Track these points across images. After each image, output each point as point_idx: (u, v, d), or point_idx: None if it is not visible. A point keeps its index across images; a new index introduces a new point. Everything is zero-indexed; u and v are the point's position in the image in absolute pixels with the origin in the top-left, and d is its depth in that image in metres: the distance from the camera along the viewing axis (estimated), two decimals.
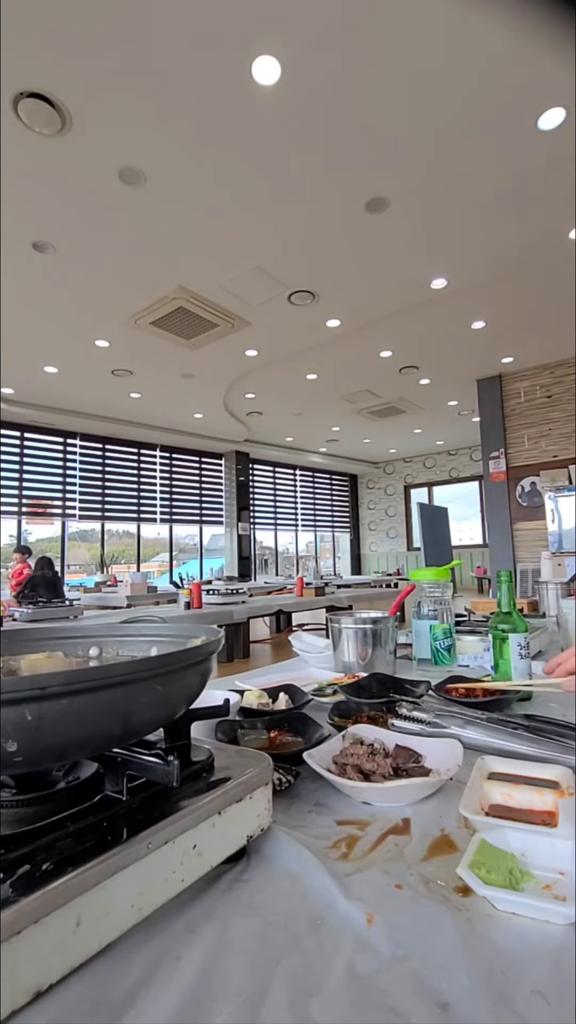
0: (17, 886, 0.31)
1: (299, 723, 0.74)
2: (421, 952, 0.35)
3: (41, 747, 0.36)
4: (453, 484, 12.63)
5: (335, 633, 1.15)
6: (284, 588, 7.76)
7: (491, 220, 3.90)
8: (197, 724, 0.61)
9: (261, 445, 10.92)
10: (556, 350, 6.48)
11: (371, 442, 11.37)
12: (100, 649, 0.61)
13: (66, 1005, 0.31)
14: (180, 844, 0.40)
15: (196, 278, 4.50)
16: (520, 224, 3.95)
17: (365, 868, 0.45)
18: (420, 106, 2.85)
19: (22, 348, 5.80)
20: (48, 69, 2.52)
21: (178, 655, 0.43)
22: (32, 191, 3.35)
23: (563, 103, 2.86)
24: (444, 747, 0.63)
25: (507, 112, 2.91)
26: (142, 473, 10.10)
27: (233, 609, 4.96)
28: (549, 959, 0.34)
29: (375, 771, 0.59)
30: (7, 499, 8.31)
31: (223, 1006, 0.31)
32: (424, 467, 13.06)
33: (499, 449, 7.20)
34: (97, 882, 0.34)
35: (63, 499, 9.04)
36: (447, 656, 1.15)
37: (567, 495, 6.03)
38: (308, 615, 7.21)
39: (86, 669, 0.43)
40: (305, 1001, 0.32)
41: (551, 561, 2.35)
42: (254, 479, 11.87)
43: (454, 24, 2.41)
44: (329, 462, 12.74)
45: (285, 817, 0.55)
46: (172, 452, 10.53)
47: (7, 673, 0.51)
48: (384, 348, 6.32)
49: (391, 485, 13.71)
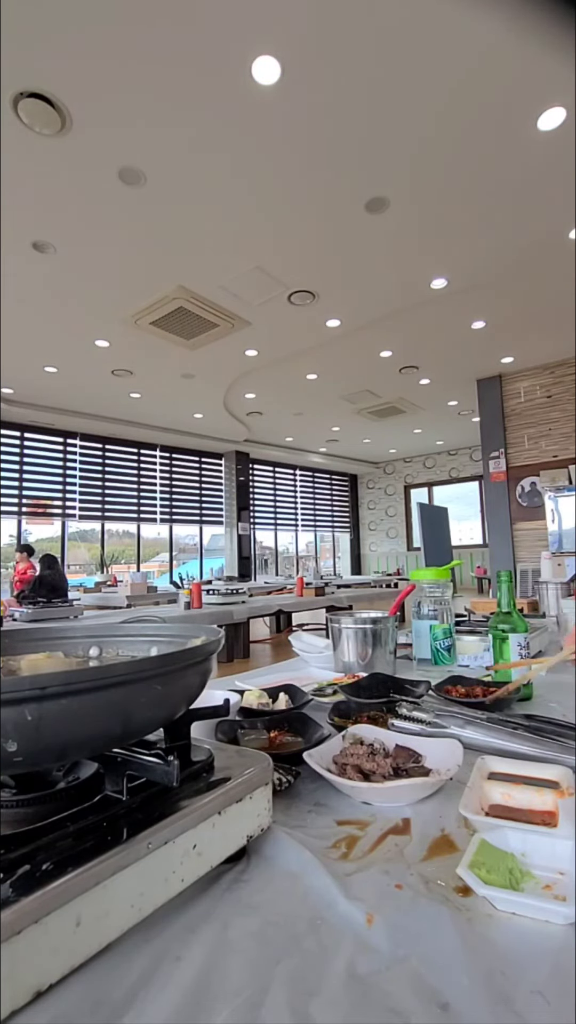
0: (17, 886, 0.31)
1: (299, 723, 0.74)
2: (421, 952, 0.35)
3: (41, 747, 0.36)
4: (453, 484, 12.62)
5: (335, 633, 1.15)
6: (284, 588, 7.76)
7: (491, 220, 3.90)
8: (197, 724, 0.61)
9: (261, 445, 10.92)
10: (556, 350, 6.48)
11: (371, 442, 11.37)
12: (100, 649, 0.61)
13: (66, 1005, 0.31)
14: (180, 844, 0.40)
15: (196, 278, 4.50)
16: (520, 224, 3.95)
17: (365, 868, 0.45)
18: (420, 106, 2.85)
19: (22, 348, 5.80)
20: (48, 69, 2.52)
21: (178, 655, 0.43)
22: (32, 191, 3.35)
23: (563, 103, 2.86)
24: (444, 747, 0.63)
25: (507, 112, 2.91)
26: (142, 473, 10.10)
27: (233, 609, 4.96)
28: (549, 959, 0.34)
29: (375, 771, 0.59)
30: (7, 499, 8.31)
31: (223, 1006, 0.31)
32: (424, 467, 13.05)
33: (499, 449, 7.20)
34: (97, 882, 0.34)
35: (63, 499, 9.04)
36: (447, 656, 1.15)
37: (567, 495, 6.03)
38: (308, 615, 7.21)
39: (86, 669, 0.43)
40: (305, 1001, 0.32)
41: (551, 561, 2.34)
42: (254, 479, 11.87)
43: (454, 24, 2.41)
44: (329, 462, 12.74)
45: (285, 817, 0.55)
46: (172, 452, 10.53)
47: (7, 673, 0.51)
48: (384, 348, 6.32)
49: (391, 485, 13.71)
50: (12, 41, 2.37)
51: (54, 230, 3.77)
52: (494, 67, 2.63)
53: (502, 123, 2.99)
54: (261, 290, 4.73)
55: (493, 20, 2.40)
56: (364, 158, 3.22)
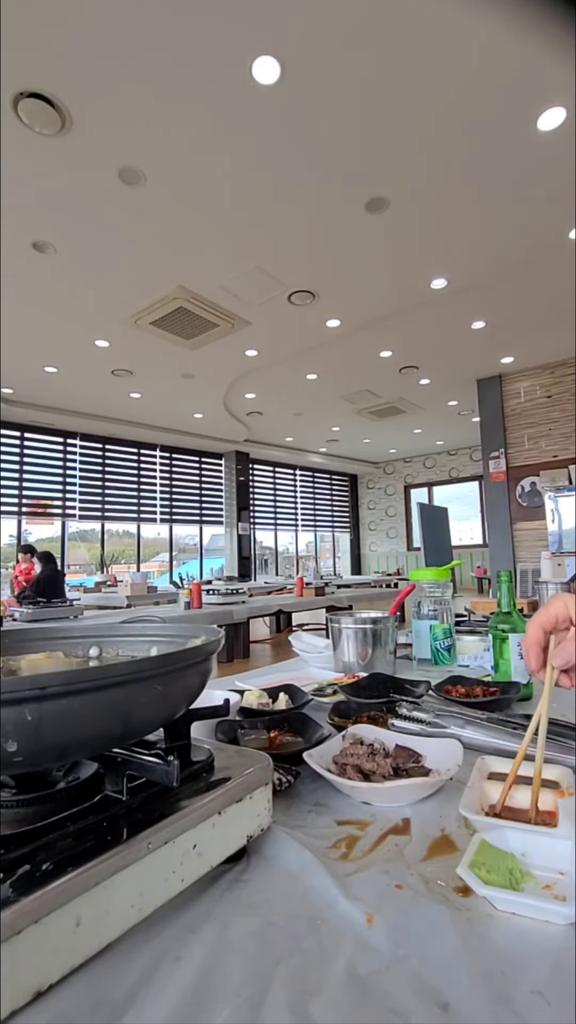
0: (17, 886, 0.31)
1: (299, 723, 0.74)
2: (421, 952, 0.35)
3: (41, 747, 0.36)
4: (453, 484, 12.62)
5: (335, 633, 1.15)
6: (284, 588, 7.76)
7: (491, 220, 3.90)
8: (197, 724, 0.61)
9: (261, 445, 10.92)
10: (556, 350, 6.48)
11: (371, 442, 11.37)
12: (100, 649, 0.60)
13: (66, 1005, 0.31)
14: (180, 844, 0.40)
15: (196, 278, 4.50)
16: (520, 224, 3.95)
17: (365, 868, 0.45)
18: (420, 106, 2.85)
19: (22, 348, 5.80)
20: (48, 69, 2.52)
21: (178, 655, 0.43)
22: (32, 191, 3.35)
23: (563, 103, 2.86)
24: (444, 747, 0.63)
25: (507, 112, 2.91)
26: (142, 473, 10.10)
27: (233, 609, 4.95)
28: (549, 959, 0.34)
29: (375, 771, 0.59)
30: (7, 499, 8.31)
31: (223, 1006, 0.31)
32: (424, 467, 13.05)
33: (499, 449, 7.20)
34: (97, 882, 0.33)
35: (63, 499, 9.04)
36: (447, 656, 1.15)
37: (567, 495, 6.03)
38: (308, 615, 7.21)
39: (86, 669, 0.43)
40: (305, 1001, 0.32)
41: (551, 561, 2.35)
42: (254, 479, 11.86)
43: (454, 24, 2.41)
44: (329, 462, 12.74)
45: (285, 817, 0.55)
46: (172, 452, 10.53)
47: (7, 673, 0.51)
48: (384, 348, 6.32)
49: (391, 485, 13.71)
50: (12, 41, 2.37)
51: (54, 230, 3.76)
52: (494, 67, 2.63)
53: (502, 123, 2.99)
54: (261, 290, 4.73)
55: (493, 20, 2.40)
56: (364, 158, 3.22)
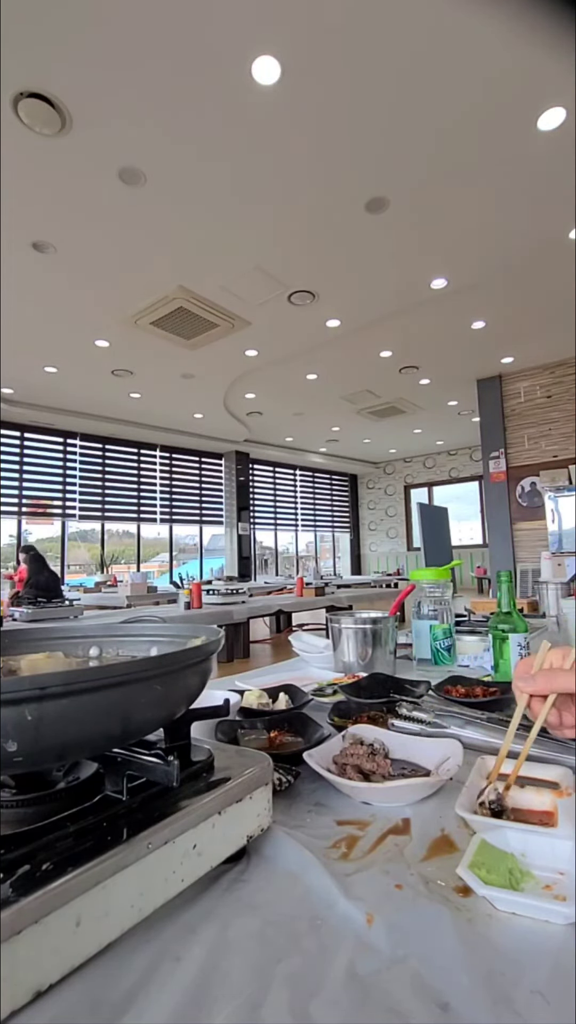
0: (17, 886, 0.31)
1: (299, 723, 0.74)
2: (421, 952, 0.35)
3: (41, 747, 0.36)
4: (453, 484, 12.62)
5: (335, 633, 1.15)
6: (284, 588, 7.76)
7: (491, 220, 3.90)
8: (197, 724, 0.61)
9: (261, 445, 10.92)
10: (556, 350, 6.48)
11: (371, 442, 11.37)
12: (100, 649, 0.60)
13: (66, 1005, 0.31)
14: (180, 844, 0.39)
15: (196, 278, 4.50)
16: (520, 224, 3.95)
17: (365, 868, 0.45)
18: (420, 106, 2.85)
19: (22, 348, 5.80)
20: (48, 69, 2.52)
21: (178, 655, 0.43)
22: (32, 191, 3.35)
23: (563, 103, 2.86)
24: (444, 747, 0.63)
25: (507, 112, 2.91)
26: (142, 473, 10.10)
27: (233, 609, 4.95)
28: (549, 959, 0.34)
29: (375, 771, 0.59)
30: (7, 499, 8.31)
31: (223, 1006, 0.31)
32: (424, 467, 13.05)
33: (499, 449, 7.20)
34: (97, 882, 0.33)
35: (63, 499, 9.04)
36: (447, 656, 1.15)
37: (567, 495, 6.03)
38: (308, 615, 7.21)
39: (86, 669, 0.43)
40: (305, 1001, 0.32)
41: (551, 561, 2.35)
42: (254, 479, 11.86)
43: (454, 24, 2.41)
44: (329, 462, 12.74)
45: (285, 817, 0.54)
46: (172, 452, 10.53)
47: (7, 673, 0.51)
48: (384, 348, 6.32)
49: (391, 485, 13.71)
50: (12, 41, 2.37)
51: (54, 230, 3.76)
52: (494, 67, 2.63)
53: (502, 123, 2.99)
54: (261, 290, 4.73)
55: (493, 20, 2.40)
56: (364, 158, 3.22)
